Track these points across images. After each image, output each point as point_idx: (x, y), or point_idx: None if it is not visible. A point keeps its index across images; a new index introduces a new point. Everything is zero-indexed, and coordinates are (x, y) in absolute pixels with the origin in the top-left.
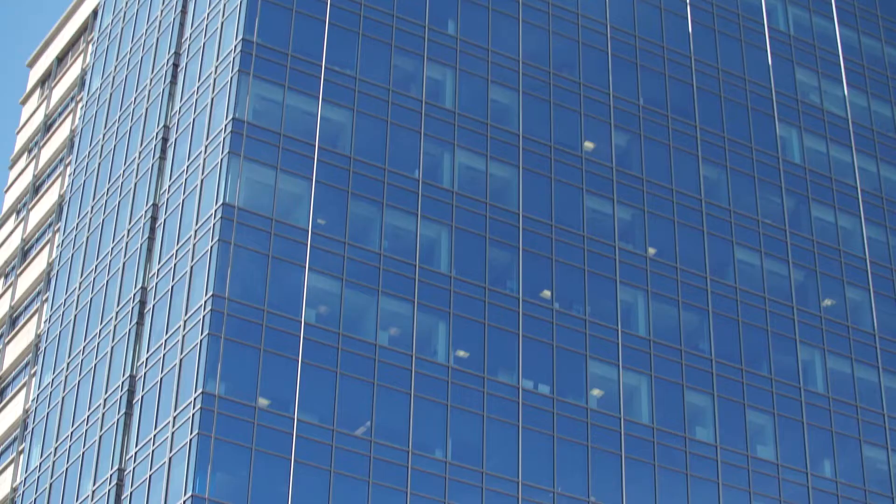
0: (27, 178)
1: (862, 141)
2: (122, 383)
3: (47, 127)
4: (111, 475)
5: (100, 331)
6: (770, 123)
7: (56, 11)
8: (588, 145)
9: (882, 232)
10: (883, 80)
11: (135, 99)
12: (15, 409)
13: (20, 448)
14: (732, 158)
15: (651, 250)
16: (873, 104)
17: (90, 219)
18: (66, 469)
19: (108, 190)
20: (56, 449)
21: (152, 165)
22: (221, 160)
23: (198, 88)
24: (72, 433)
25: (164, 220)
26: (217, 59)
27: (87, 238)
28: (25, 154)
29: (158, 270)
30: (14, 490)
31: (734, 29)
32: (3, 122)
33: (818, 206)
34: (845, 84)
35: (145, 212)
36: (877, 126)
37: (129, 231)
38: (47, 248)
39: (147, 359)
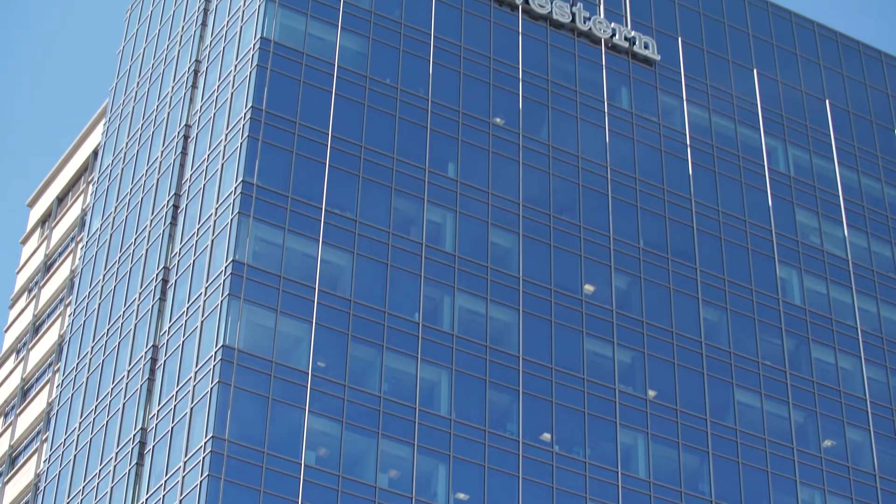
0: (27, 317)
1: (862, 282)
2: None
3: (47, 267)
4: None
5: (99, 471)
6: (770, 265)
7: (56, 151)
8: (588, 288)
9: (882, 372)
10: (883, 220)
11: (135, 240)
12: None
13: None
14: (733, 300)
15: (651, 392)
16: (873, 245)
17: (90, 359)
18: None
19: (108, 330)
20: None
21: (152, 307)
22: (221, 302)
23: (198, 230)
24: None
25: (164, 362)
26: (217, 201)
27: (87, 378)
28: (25, 294)
29: (158, 412)
30: None
31: (734, 170)
32: (3, 261)
33: (818, 347)
34: (845, 225)
35: (145, 353)
36: (877, 267)
37: (129, 372)
38: (47, 388)
39: (147, 499)
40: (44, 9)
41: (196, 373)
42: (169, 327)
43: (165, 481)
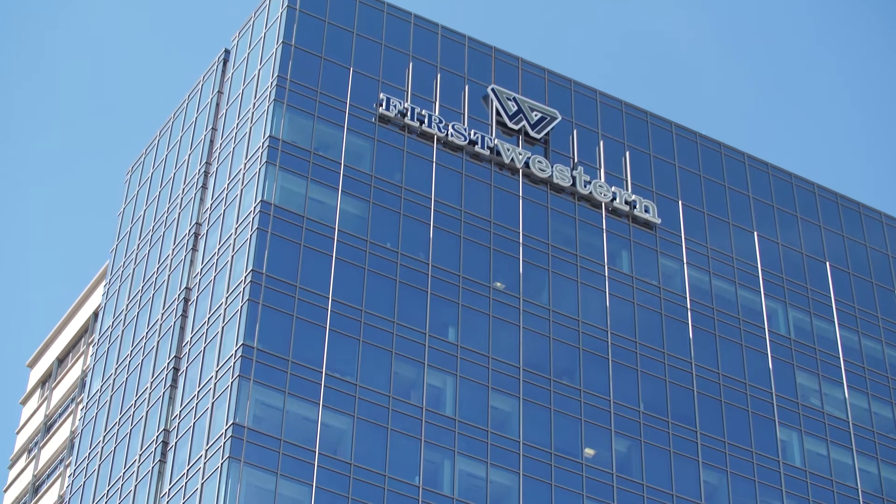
0: (27, 478)
1: (862, 443)
2: None
3: (47, 427)
4: None
5: None
6: (771, 427)
7: (57, 313)
8: (589, 452)
9: None
10: (884, 381)
11: (135, 402)
12: None
13: None
14: (733, 463)
15: None
16: (874, 406)
17: None
18: None
19: (108, 491)
20: None
21: (153, 468)
22: (222, 465)
23: (198, 393)
24: None
25: None
26: (217, 364)
27: None
28: (25, 454)
29: None
30: None
31: (735, 333)
32: (2, 421)
33: None
34: (846, 386)
35: None
36: (877, 428)
37: None
38: None
39: None
40: (45, 169)
41: None
42: (169, 489)
43: None
